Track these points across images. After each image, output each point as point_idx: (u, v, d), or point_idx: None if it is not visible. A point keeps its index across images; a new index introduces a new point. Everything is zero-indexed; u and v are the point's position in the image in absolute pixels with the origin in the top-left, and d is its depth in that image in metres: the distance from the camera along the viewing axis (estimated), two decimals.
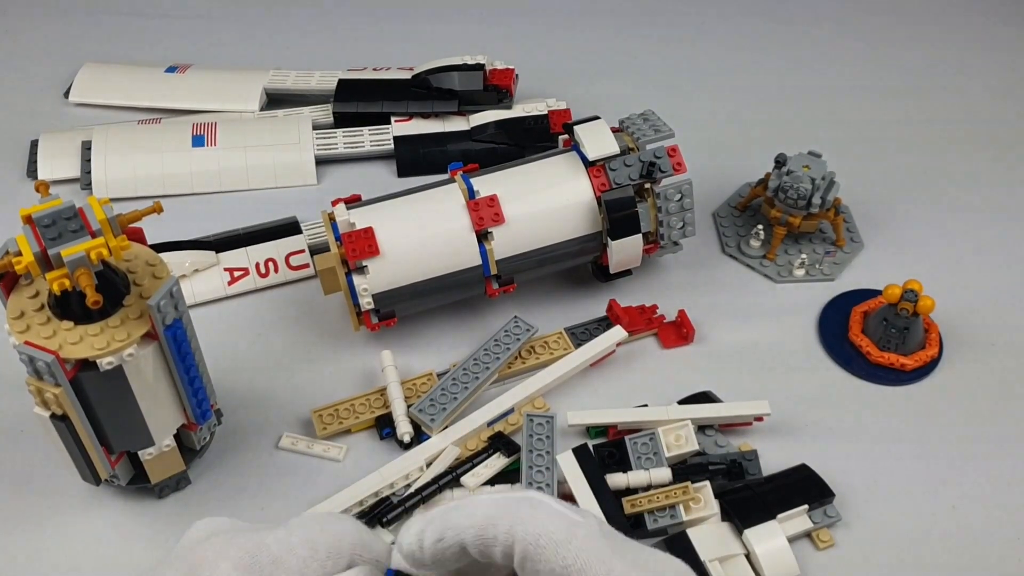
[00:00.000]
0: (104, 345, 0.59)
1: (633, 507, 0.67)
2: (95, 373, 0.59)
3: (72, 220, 0.58)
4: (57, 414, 0.61)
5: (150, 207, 0.62)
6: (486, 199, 0.76)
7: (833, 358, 0.80)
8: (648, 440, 0.70)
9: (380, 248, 0.74)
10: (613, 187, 0.77)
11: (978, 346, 0.81)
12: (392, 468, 0.70)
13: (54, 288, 0.57)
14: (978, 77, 1.08)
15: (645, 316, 0.81)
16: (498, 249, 0.77)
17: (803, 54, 1.11)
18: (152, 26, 1.12)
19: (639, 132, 0.80)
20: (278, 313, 0.83)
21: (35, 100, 1.02)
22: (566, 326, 0.81)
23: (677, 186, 0.79)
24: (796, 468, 0.71)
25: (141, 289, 0.62)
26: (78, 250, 0.56)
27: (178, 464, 0.69)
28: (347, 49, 1.09)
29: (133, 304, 0.61)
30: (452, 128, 0.95)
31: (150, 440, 0.65)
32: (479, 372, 0.76)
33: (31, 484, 0.71)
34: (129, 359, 0.60)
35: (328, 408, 0.74)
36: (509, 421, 0.74)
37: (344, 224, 0.75)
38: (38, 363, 0.58)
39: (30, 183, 0.93)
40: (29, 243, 0.57)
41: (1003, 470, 0.72)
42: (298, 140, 0.94)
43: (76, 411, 0.61)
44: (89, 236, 0.58)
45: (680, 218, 0.80)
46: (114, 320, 0.60)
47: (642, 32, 1.14)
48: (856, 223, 0.90)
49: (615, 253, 0.79)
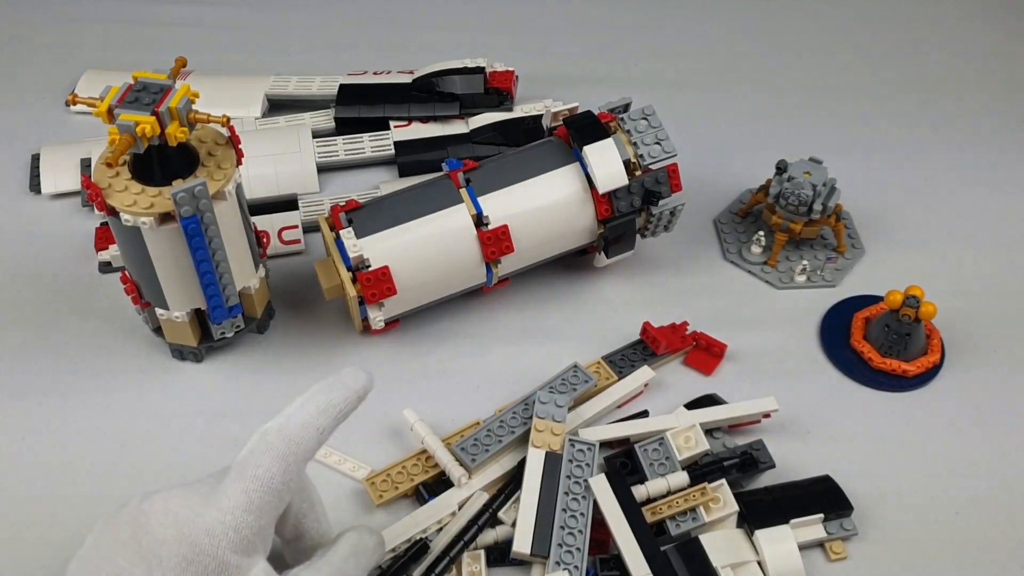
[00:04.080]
0: (131, 203, 0.67)
1: (654, 515, 0.67)
2: (118, 222, 0.69)
3: (158, 95, 0.67)
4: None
5: (219, 117, 0.69)
6: (498, 231, 0.77)
7: (835, 364, 0.80)
8: (658, 445, 0.71)
9: (397, 287, 0.75)
10: (616, 214, 0.78)
11: (980, 352, 0.81)
12: (424, 513, 0.69)
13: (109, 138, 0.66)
14: (980, 83, 1.08)
15: (679, 335, 0.80)
16: (503, 268, 0.79)
17: (804, 61, 1.11)
18: (154, 33, 1.12)
19: (641, 143, 0.78)
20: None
21: (37, 108, 1.02)
22: (604, 354, 0.80)
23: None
24: (820, 478, 0.71)
25: (205, 171, 0.70)
26: (130, 119, 0.65)
27: (189, 337, 0.77)
28: (348, 54, 1.09)
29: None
30: (452, 131, 0.95)
31: (164, 304, 0.74)
32: (529, 417, 0.73)
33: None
34: (144, 226, 0.68)
35: (380, 475, 0.72)
36: None
37: (355, 253, 0.74)
38: None
39: (33, 196, 0.93)
40: (113, 98, 0.66)
41: (1006, 476, 0.73)
42: (299, 148, 0.94)
43: None
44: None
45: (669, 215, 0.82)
46: (159, 192, 0.68)
47: (643, 36, 1.14)
48: (857, 229, 0.90)
49: (605, 262, 0.83)
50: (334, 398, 0.58)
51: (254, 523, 0.55)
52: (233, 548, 0.55)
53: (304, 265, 0.87)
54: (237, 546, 0.55)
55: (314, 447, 0.57)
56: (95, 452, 0.74)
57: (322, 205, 0.91)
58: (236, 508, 0.55)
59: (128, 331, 0.81)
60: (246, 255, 0.75)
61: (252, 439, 0.57)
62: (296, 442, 0.56)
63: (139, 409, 0.76)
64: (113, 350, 0.80)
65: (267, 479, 0.55)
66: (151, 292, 0.74)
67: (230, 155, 0.71)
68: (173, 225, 0.68)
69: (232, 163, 0.71)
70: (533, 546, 0.64)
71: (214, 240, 0.70)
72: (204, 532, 0.54)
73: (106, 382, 0.78)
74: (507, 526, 0.68)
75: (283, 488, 0.56)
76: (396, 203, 0.78)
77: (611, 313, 0.83)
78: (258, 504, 0.55)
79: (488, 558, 0.67)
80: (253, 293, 0.78)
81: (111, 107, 0.66)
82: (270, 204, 0.89)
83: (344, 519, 0.70)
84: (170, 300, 0.74)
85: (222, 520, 0.55)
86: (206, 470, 0.60)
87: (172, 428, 0.75)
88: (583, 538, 0.65)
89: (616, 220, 0.79)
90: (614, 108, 0.81)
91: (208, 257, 0.71)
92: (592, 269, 0.86)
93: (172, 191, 0.66)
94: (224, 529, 0.54)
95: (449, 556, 0.65)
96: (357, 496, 0.71)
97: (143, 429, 0.75)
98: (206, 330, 0.78)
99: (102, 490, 0.71)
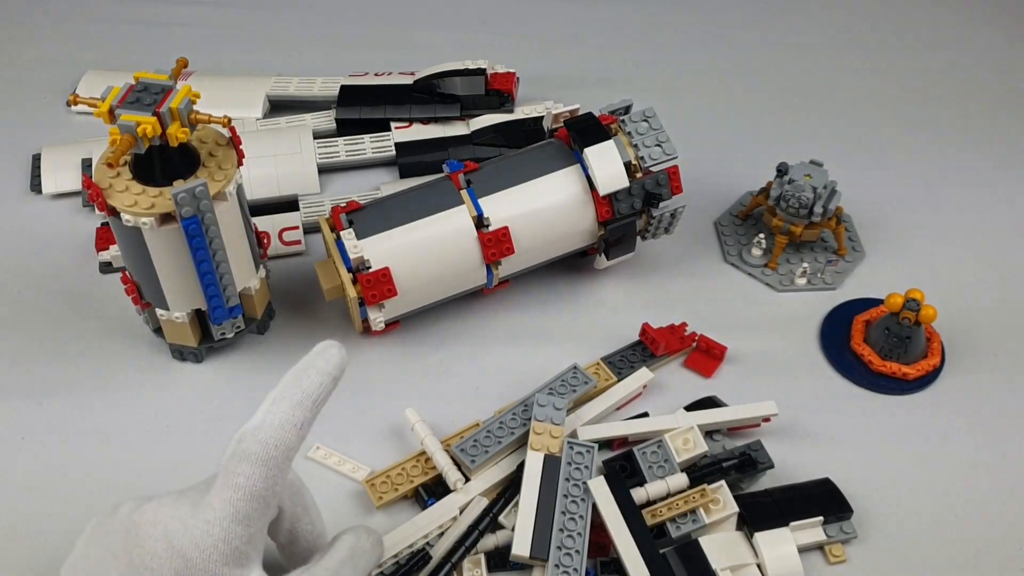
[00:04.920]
0: (132, 203, 0.67)
1: (654, 517, 0.67)
2: (119, 223, 0.69)
3: (159, 95, 0.67)
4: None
5: (220, 118, 0.69)
6: (498, 233, 0.77)
7: (835, 367, 0.80)
8: (657, 448, 0.71)
9: (397, 288, 0.75)
10: (616, 216, 0.78)
11: (980, 355, 0.81)
12: (425, 518, 0.68)
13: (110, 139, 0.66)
14: (980, 86, 1.08)
15: (677, 335, 0.80)
16: (503, 270, 0.79)
17: (805, 63, 1.11)
18: (155, 34, 1.12)
19: (642, 145, 0.78)
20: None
21: (38, 108, 1.03)
22: (603, 355, 0.80)
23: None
24: (819, 481, 0.71)
25: (206, 171, 0.70)
26: (131, 119, 0.65)
27: (189, 338, 0.77)
28: (349, 55, 1.09)
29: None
30: (453, 133, 0.95)
31: (165, 304, 0.74)
32: (528, 419, 0.73)
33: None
34: (144, 226, 0.68)
35: (380, 476, 0.71)
36: None
37: (356, 255, 0.74)
38: None
39: (34, 196, 0.93)
40: (115, 98, 0.66)
41: (1006, 479, 0.73)
42: (300, 149, 0.94)
43: None
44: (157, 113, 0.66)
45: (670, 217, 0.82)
46: (160, 193, 0.68)
47: (643, 38, 1.14)
48: (858, 232, 0.90)
49: (606, 264, 0.83)
50: (308, 387, 0.54)
51: (243, 533, 0.54)
52: (224, 560, 0.53)
53: (304, 266, 0.87)
54: (228, 558, 0.53)
55: (295, 444, 0.54)
56: (93, 452, 0.74)
57: (323, 206, 0.91)
58: (223, 519, 0.53)
59: (128, 332, 0.81)
60: (247, 256, 0.75)
61: (230, 446, 0.54)
62: (274, 444, 0.53)
63: (138, 409, 0.76)
64: (113, 351, 0.80)
65: (249, 487, 0.53)
66: (151, 292, 0.74)
67: (231, 156, 0.71)
68: (174, 225, 0.69)
69: (233, 164, 0.71)
70: (532, 549, 0.64)
71: (215, 241, 0.70)
72: (193, 546, 0.53)
73: (105, 383, 0.78)
74: (507, 530, 0.68)
75: (268, 493, 0.54)
76: (397, 204, 0.78)
77: (611, 315, 0.83)
78: (244, 513, 0.53)
79: (488, 563, 0.66)
80: (253, 294, 0.78)
81: (112, 107, 0.66)
82: (271, 205, 0.90)
83: (344, 521, 0.69)
84: (170, 300, 0.74)
85: (210, 532, 0.53)
86: (204, 470, 0.59)
87: (171, 428, 0.75)
88: (582, 540, 0.65)
89: (616, 222, 0.79)
90: (615, 110, 0.81)
91: (208, 258, 0.71)
92: (592, 270, 0.86)
93: (173, 191, 0.66)
94: (213, 542, 0.53)
95: (450, 562, 0.65)
96: (357, 497, 0.71)
97: (142, 429, 0.75)
98: (206, 331, 0.78)
99: (99, 490, 0.71)
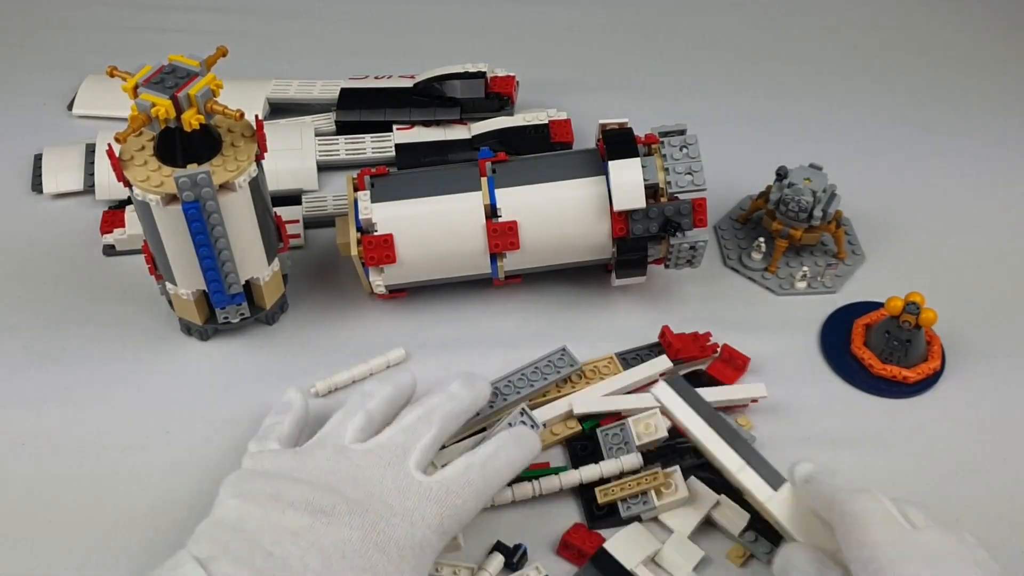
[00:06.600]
0: (144, 178, 0.69)
1: (605, 496, 0.68)
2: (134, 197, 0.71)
3: (183, 79, 0.68)
4: None
5: (234, 111, 0.69)
6: (505, 225, 0.77)
7: (835, 371, 0.80)
8: (619, 431, 0.71)
9: (397, 256, 0.77)
10: (631, 236, 0.77)
11: (981, 359, 0.81)
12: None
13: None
14: (980, 89, 1.08)
15: (698, 344, 0.79)
16: (509, 264, 0.79)
17: (805, 67, 1.11)
18: (156, 39, 1.11)
19: (672, 170, 0.76)
20: None
21: (39, 113, 1.03)
22: (618, 351, 0.79)
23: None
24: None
25: (222, 159, 0.71)
26: (149, 99, 0.67)
27: (194, 315, 0.78)
28: (349, 58, 1.09)
29: None
30: (453, 136, 0.95)
31: (173, 280, 0.76)
32: (508, 394, 0.74)
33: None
34: (152, 203, 0.70)
35: None
36: (553, 431, 0.73)
37: (365, 216, 0.76)
38: None
39: (34, 196, 0.93)
40: (143, 75, 0.68)
41: (1007, 483, 0.73)
42: (300, 146, 0.94)
43: None
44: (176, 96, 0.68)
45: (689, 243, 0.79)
46: (171, 173, 0.69)
47: (644, 42, 1.14)
48: (858, 235, 0.90)
49: (618, 283, 0.82)
50: (522, 456, 0.65)
51: (437, 544, 0.60)
52: (415, 564, 0.58)
53: (304, 260, 0.87)
54: (419, 560, 0.59)
55: (496, 492, 0.64)
56: (95, 433, 0.75)
57: (325, 202, 0.91)
58: (428, 526, 0.59)
59: (128, 332, 0.81)
60: (257, 247, 0.76)
61: (455, 466, 0.62)
62: (492, 486, 0.63)
63: (143, 390, 0.78)
64: (113, 352, 0.80)
65: (464, 512, 0.61)
66: (163, 266, 0.76)
67: (250, 148, 0.72)
68: (179, 206, 0.70)
69: (250, 157, 0.72)
70: None
71: (216, 228, 0.71)
72: (393, 540, 0.58)
73: (106, 382, 0.78)
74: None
75: (468, 521, 0.61)
76: (419, 178, 0.79)
77: (610, 316, 0.83)
78: (447, 528, 0.60)
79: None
80: (262, 285, 0.78)
81: (138, 84, 0.68)
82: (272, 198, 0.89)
83: None
84: (178, 277, 0.76)
85: (412, 534, 0.58)
86: (197, 445, 0.71)
87: (172, 409, 0.77)
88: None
89: (628, 241, 0.78)
90: (669, 132, 0.78)
91: (208, 243, 0.72)
92: (595, 272, 0.86)
93: (176, 175, 0.68)
94: (411, 543, 0.58)
95: None
96: None
97: (146, 405, 0.77)
98: (213, 311, 0.79)
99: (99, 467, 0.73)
